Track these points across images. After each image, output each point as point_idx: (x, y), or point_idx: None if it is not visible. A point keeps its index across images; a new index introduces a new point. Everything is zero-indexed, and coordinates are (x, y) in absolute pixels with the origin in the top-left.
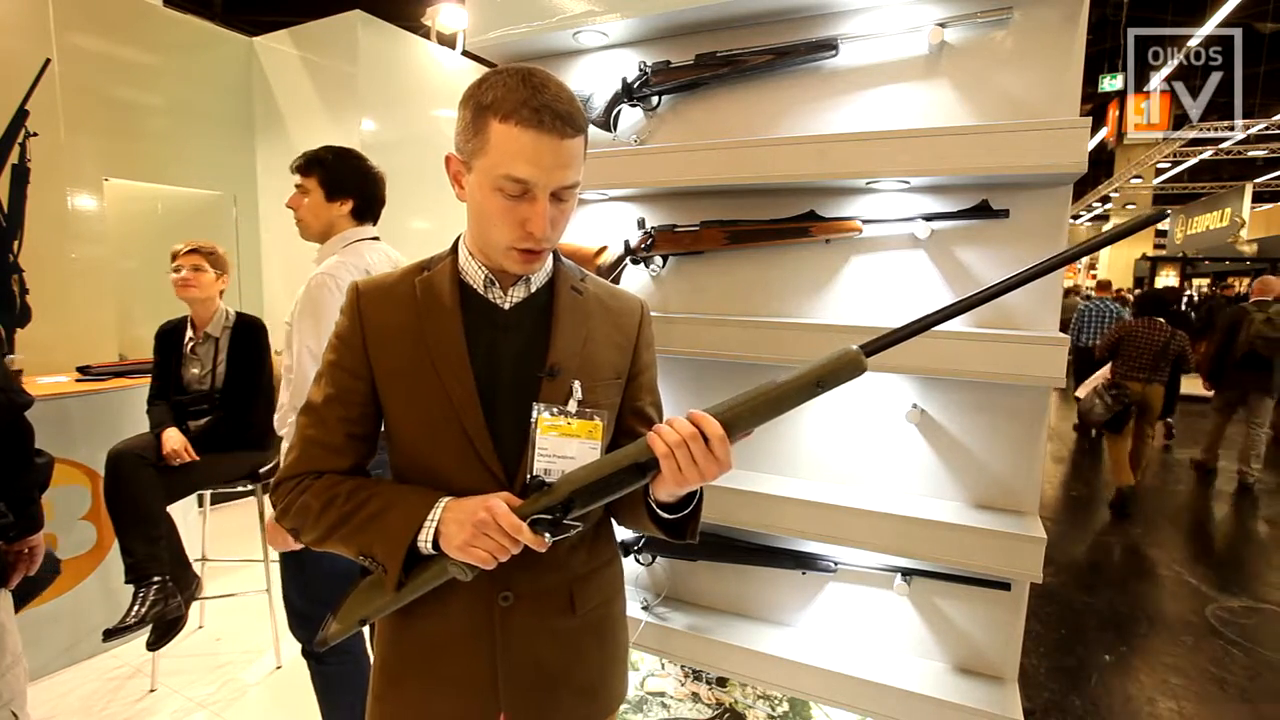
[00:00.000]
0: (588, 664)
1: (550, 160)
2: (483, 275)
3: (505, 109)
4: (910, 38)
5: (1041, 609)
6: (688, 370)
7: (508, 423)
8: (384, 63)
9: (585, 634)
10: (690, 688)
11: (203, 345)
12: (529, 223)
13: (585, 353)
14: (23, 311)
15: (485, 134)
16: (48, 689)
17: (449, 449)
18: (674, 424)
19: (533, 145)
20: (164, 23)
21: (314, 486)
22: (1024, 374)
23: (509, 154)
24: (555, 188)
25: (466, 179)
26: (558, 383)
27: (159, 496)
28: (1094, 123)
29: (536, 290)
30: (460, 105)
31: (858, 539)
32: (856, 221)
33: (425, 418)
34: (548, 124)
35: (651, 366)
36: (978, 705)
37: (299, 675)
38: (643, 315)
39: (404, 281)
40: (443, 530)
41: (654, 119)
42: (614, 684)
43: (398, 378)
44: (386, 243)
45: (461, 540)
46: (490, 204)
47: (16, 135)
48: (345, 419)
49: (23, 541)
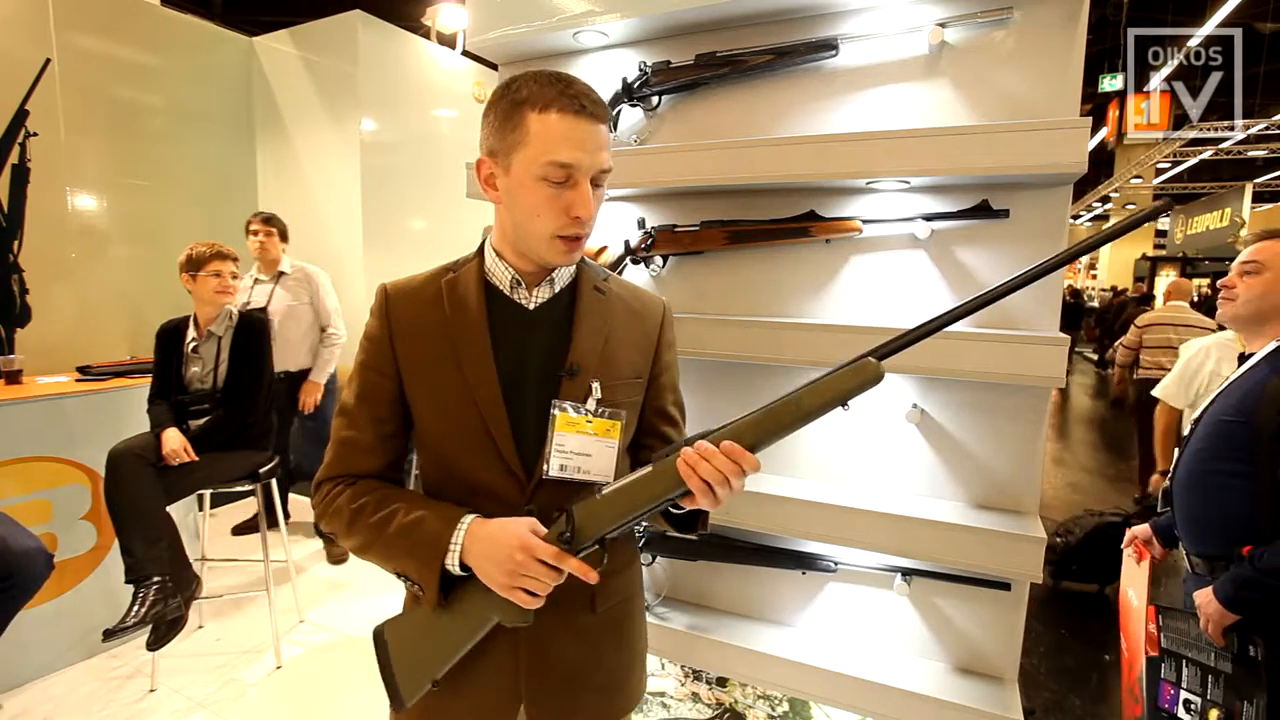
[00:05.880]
0: (607, 662)
1: (592, 143)
2: (509, 276)
3: (542, 101)
4: (910, 38)
5: (1042, 609)
6: (688, 370)
7: (530, 422)
8: (384, 63)
9: (605, 632)
10: (690, 688)
11: (205, 344)
12: (574, 207)
13: (606, 352)
14: (23, 311)
15: (524, 127)
16: (48, 689)
17: (471, 446)
18: (711, 459)
19: (574, 130)
20: (164, 23)
21: (346, 494)
22: (1024, 374)
23: (552, 141)
24: (596, 171)
25: (501, 179)
26: (577, 382)
27: (159, 496)
28: (1094, 123)
29: (560, 290)
30: (488, 109)
31: (858, 539)
32: (856, 221)
33: (449, 415)
34: (586, 109)
35: (673, 366)
36: (978, 705)
37: (299, 675)
38: (665, 316)
39: (431, 283)
40: (473, 564)
41: (654, 119)
42: (632, 682)
43: (424, 376)
44: (387, 243)
45: (502, 581)
46: (534, 195)
47: (16, 135)
48: (376, 418)
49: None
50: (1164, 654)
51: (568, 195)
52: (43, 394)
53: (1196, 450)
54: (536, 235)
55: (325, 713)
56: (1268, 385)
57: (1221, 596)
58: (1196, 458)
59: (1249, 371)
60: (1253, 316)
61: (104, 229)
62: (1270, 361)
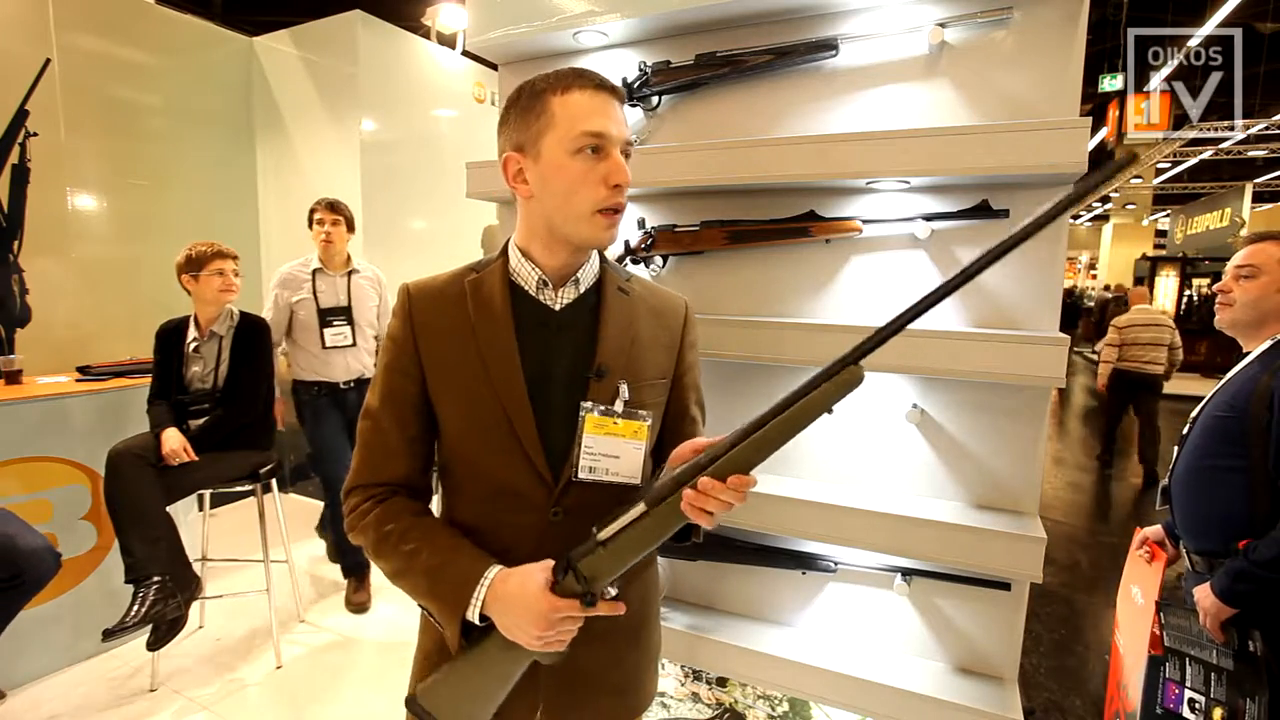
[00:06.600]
0: (623, 663)
1: (617, 115)
2: (535, 277)
3: (562, 84)
4: (910, 38)
5: (1042, 609)
6: None
7: (556, 423)
8: (384, 63)
9: (622, 634)
10: (690, 688)
11: (207, 343)
12: (612, 175)
13: (632, 353)
14: (23, 311)
15: (549, 112)
16: (48, 689)
17: (497, 448)
18: (719, 495)
19: (598, 103)
20: (164, 23)
21: (375, 514)
22: (1024, 374)
23: (580, 115)
24: (623, 142)
25: (532, 169)
26: (605, 383)
27: (158, 496)
28: (1094, 123)
29: (585, 291)
30: (506, 112)
31: (858, 539)
32: (856, 221)
33: (474, 416)
34: (605, 85)
35: (695, 366)
36: (978, 705)
37: (299, 675)
38: (687, 316)
39: (454, 283)
40: (497, 621)
41: (654, 119)
42: (646, 683)
43: (449, 377)
44: (387, 243)
45: (532, 639)
46: (570, 171)
47: (16, 135)
48: (400, 420)
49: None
50: (1168, 653)
51: (602, 166)
52: (43, 394)
53: (1194, 447)
54: (577, 214)
55: (325, 713)
56: (1259, 382)
57: (1217, 590)
58: (1194, 454)
59: (1242, 370)
60: (1251, 321)
61: (104, 229)
62: (1261, 360)
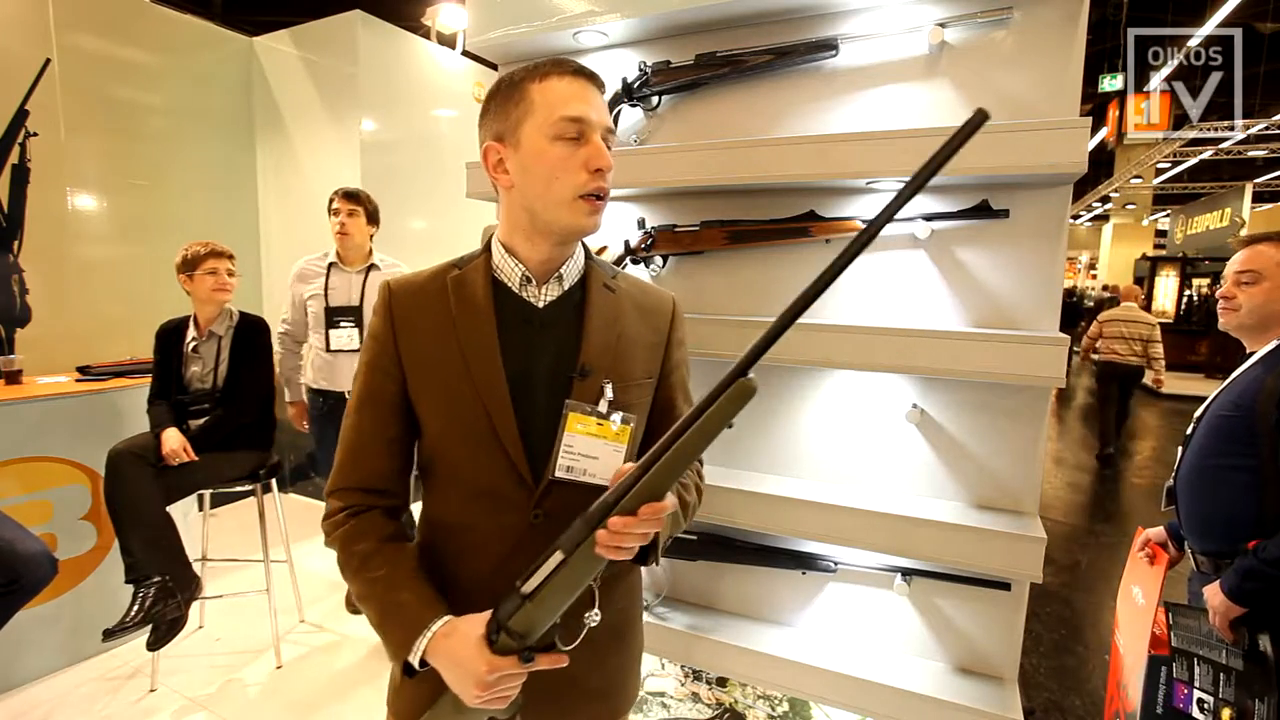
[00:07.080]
0: (605, 666)
1: (596, 100)
2: (519, 273)
3: (540, 72)
4: (910, 38)
5: (1042, 609)
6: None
7: (538, 423)
8: (384, 63)
9: (605, 636)
10: (690, 688)
11: (206, 343)
12: (592, 160)
13: (618, 352)
14: (23, 311)
15: (528, 99)
16: (48, 689)
17: (477, 448)
18: (633, 530)
19: (577, 88)
20: (164, 23)
21: (342, 530)
22: (1024, 374)
23: (559, 100)
24: (603, 129)
25: (512, 158)
26: (589, 383)
27: (158, 497)
28: (1094, 123)
29: (570, 288)
30: (486, 104)
31: (858, 539)
32: (856, 221)
33: (455, 415)
34: (583, 72)
35: (683, 364)
36: (978, 705)
37: (299, 675)
38: (675, 312)
39: (435, 279)
40: (440, 672)
41: (654, 119)
42: (628, 686)
43: (429, 375)
44: (387, 243)
45: (471, 698)
46: (550, 157)
47: (16, 135)
48: (379, 421)
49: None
50: (1175, 653)
51: (583, 152)
52: (43, 394)
53: (1199, 447)
54: (558, 200)
55: (325, 713)
56: (1265, 382)
57: (1226, 588)
58: (1199, 454)
59: (1247, 370)
60: (1256, 324)
61: (104, 229)
62: (1265, 362)
